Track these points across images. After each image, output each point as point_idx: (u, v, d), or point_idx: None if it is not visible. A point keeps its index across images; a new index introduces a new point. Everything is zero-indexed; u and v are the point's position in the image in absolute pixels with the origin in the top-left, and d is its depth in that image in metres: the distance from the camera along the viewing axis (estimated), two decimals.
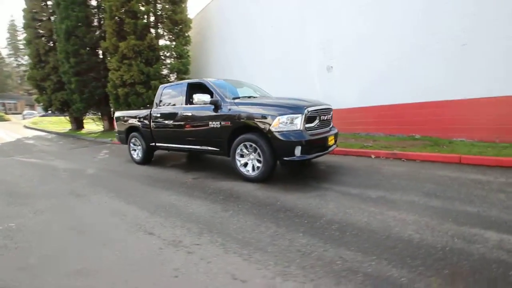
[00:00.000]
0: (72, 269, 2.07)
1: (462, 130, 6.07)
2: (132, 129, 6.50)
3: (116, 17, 11.60)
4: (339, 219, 2.73)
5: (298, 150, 3.85)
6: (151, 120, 5.79)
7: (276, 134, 3.88)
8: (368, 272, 1.86)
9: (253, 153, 4.23)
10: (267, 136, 3.98)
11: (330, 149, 4.47)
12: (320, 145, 4.15)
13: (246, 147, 4.26)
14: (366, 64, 7.68)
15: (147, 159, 6.22)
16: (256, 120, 4.08)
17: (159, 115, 5.63)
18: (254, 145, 4.13)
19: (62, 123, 21.27)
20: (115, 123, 6.98)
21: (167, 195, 3.82)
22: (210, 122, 4.64)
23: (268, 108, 4.08)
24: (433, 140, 6.18)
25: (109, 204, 3.51)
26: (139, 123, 6.20)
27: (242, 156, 4.36)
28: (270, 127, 3.92)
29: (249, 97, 5.01)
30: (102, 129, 16.11)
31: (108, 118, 15.67)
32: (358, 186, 3.75)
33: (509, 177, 3.78)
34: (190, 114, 5.01)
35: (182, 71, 12.60)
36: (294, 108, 3.95)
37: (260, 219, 2.81)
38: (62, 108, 16.95)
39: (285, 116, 3.88)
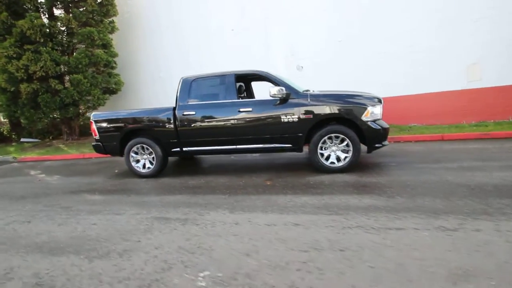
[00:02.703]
0: None
1: (414, 118, 8.12)
2: (132, 134, 4.96)
3: None
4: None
5: (385, 137, 4.26)
6: (178, 120, 4.65)
7: (370, 124, 4.12)
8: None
9: (337, 145, 4.28)
10: (357, 126, 4.16)
11: None
12: None
13: (331, 139, 4.25)
14: (333, 67, 8.84)
15: (162, 169, 4.93)
16: (345, 111, 4.17)
17: (194, 113, 4.60)
18: (341, 136, 4.19)
19: None
20: (94, 128, 5.04)
21: (290, 198, 3.33)
22: (283, 117, 4.31)
23: (353, 99, 4.25)
24: (397, 126, 7.95)
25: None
26: (150, 126, 4.83)
27: (321, 149, 4.32)
28: (362, 117, 4.13)
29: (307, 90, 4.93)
30: None
31: None
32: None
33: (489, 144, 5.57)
34: (250, 109, 4.43)
35: (109, 64, 10.21)
36: (376, 99, 4.31)
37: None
38: None
39: (376, 106, 4.20)
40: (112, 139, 5.00)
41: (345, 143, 4.21)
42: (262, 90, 5.97)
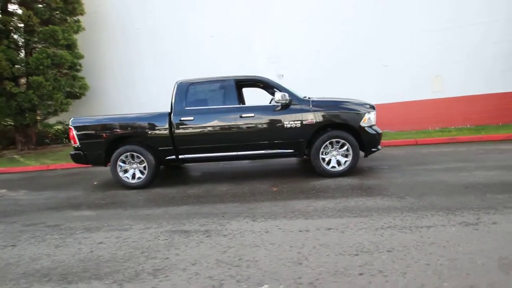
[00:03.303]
0: None
1: (385, 125, 8.75)
2: (119, 141, 4.54)
3: None
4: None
5: (379, 142, 4.51)
6: (174, 126, 4.37)
7: (367, 129, 4.34)
8: None
9: (337, 149, 4.41)
10: (356, 131, 4.34)
11: None
12: None
13: (331, 144, 4.37)
14: (311, 76, 9.19)
15: (154, 179, 4.57)
16: (345, 117, 4.33)
17: (192, 118, 4.37)
18: (342, 141, 4.33)
19: None
20: (73, 135, 4.48)
21: (307, 203, 3.29)
22: (286, 123, 4.32)
23: (351, 105, 4.44)
24: None
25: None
26: (142, 132, 4.47)
27: (323, 153, 4.41)
28: (360, 123, 4.32)
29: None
30: None
31: None
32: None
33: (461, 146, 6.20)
34: (252, 115, 4.35)
35: (74, 66, 9.33)
36: (370, 106, 4.55)
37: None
38: None
39: (371, 113, 4.43)
40: (96, 147, 4.51)
41: (345, 147, 4.35)
42: (251, 97, 5.99)
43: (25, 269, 2.19)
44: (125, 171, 4.55)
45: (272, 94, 5.46)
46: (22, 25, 8.17)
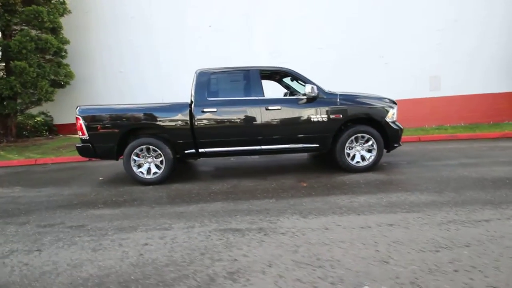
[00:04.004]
0: None
1: None
2: (133, 133, 4.18)
3: None
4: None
5: (401, 138, 4.54)
6: (195, 118, 4.10)
7: (392, 125, 4.35)
8: None
9: (362, 144, 4.38)
10: (381, 126, 4.32)
11: None
12: None
13: (356, 139, 4.32)
14: (314, 73, 9.14)
15: (170, 174, 4.27)
16: (372, 112, 4.30)
17: (215, 110, 4.12)
18: (367, 136, 4.30)
19: None
20: (81, 126, 4.04)
21: (348, 198, 3.20)
22: (313, 116, 4.21)
23: (376, 101, 4.41)
24: None
25: None
26: (160, 123, 4.14)
27: (348, 148, 4.36)
28: (385, 118, 4.32)
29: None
30: None
31: None
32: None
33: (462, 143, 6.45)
34: (279, 107, 4.19)
35: (59, 52, 8.57)
36: (392, 101, 4.55)
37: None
38: None
39: (395, 108, 4.44)
40: (108, 140, 4.13)
41: (370, 143, 4.33)
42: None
43: (70, 279, 1.89)
44: (139, 165, 4.22)
45: (286, 87, 5.34)
46: (0, 3, 7.29)
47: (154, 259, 2.08)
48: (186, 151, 4.24)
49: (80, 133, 4.13)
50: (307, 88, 4.03)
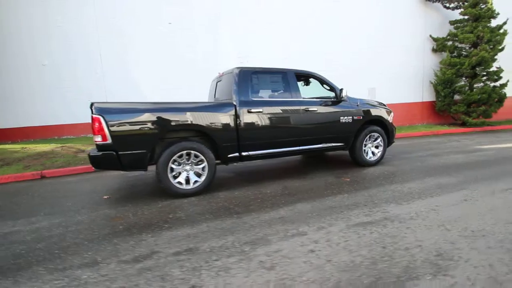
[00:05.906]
0: None
1: None
2: (173, 135, 3.49)
3: None
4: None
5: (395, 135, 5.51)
6: (240, 119, 3.78)
7: (392, 125, 5.22)
8: None
9: (372, 142, 5.06)
10: (385, 126, 5.14)
11: None
12: None
13: (369, 138, 4.96)
14: None
15: (211, 182, 3.76)
16: (382, 114, 5.07)
17: (261, 110, 3.90)
18: (377, 134, 5.02)
19: None
20: (102, 128, 3.01)
21: (398, 188, 3.65)
22: (342, 118, 4.60)
23: (381, 105, 5.21)
24: None
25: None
26: (206, 125, 3.60)
27: (364, 146, 4.96)
28: (389, 119, 5.16)
29: None
30: None
31: None
32: None
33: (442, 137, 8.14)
34: (316, 109, 4.36)
35: None
36: (385, 105, 5.46)
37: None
38: None
39: (392, 112, 5.34)
40: (140, 145, 3.30)
41: (378, 140, 5.06)
42: None
43: None
44: (175, 175, 3.53)
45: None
46: None
47: (361, 262, 1.93)
48: (229, 155, 3.85)
49: (100, 138, 3.13)
50: (343, 92, 4.41)
